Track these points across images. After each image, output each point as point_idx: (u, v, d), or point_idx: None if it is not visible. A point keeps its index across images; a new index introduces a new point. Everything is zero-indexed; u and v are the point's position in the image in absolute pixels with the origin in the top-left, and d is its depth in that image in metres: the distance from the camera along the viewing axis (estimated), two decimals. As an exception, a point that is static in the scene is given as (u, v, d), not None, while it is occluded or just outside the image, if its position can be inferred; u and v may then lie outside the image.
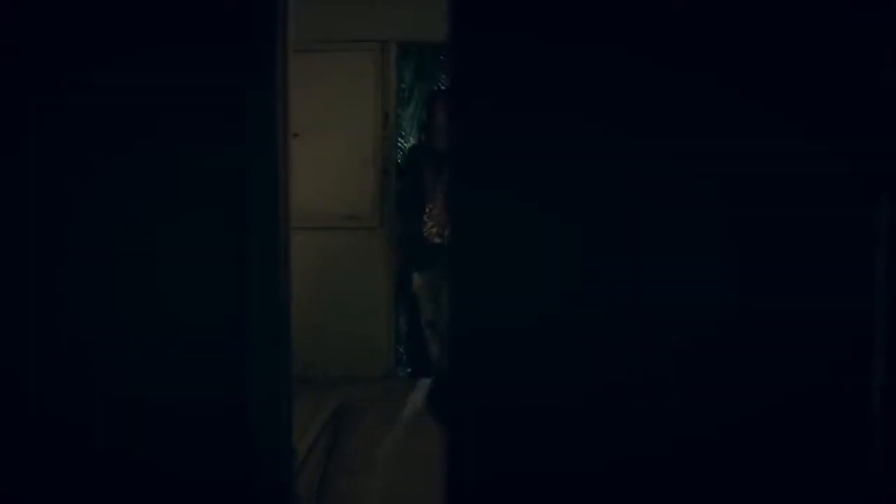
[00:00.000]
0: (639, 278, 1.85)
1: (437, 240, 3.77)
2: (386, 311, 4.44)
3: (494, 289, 1.87)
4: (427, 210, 3.80)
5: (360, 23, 4.34)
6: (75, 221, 1.94)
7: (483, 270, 1.88)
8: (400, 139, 5.80)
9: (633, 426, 1.87)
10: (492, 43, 1.84)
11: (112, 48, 1.93)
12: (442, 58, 6.78)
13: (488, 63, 1.85)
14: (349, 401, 3.85)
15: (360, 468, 3.19)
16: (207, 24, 1.93)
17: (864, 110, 1.83)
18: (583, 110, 1.84)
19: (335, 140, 4.28)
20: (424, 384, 3.96)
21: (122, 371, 1.95)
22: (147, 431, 1.96)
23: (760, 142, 1.84)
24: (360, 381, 4.04)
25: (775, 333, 1.86)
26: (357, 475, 3.14)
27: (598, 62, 1.83)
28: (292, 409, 2.12)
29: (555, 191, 1.85)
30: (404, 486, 3.06)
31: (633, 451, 1.88)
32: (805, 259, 1.86)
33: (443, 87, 6.24)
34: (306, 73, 3.21)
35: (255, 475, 1.99)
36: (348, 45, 4.35)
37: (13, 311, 1.96)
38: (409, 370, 4.81)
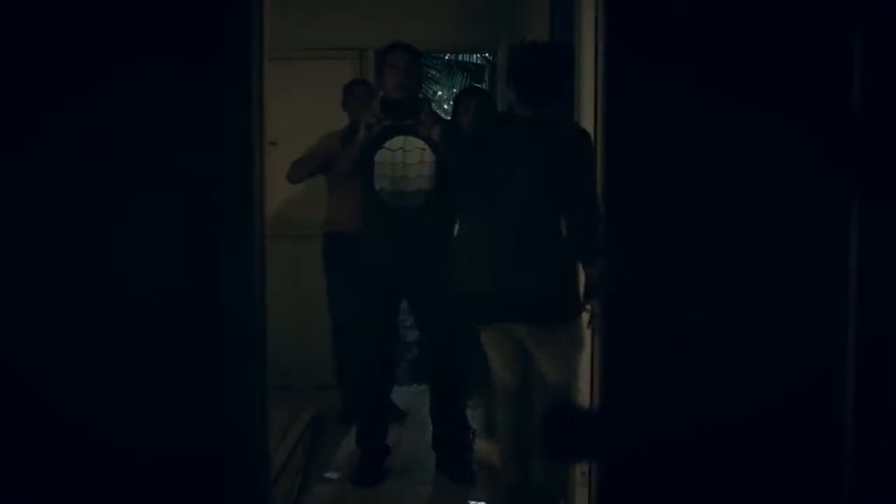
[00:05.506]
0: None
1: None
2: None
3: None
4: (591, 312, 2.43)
5: (338, 31, 4.36)
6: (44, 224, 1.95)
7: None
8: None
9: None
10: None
11: (88, 61, 1.93)
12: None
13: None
14: (328, 409, 3.85)
15: (339, 476, 3.20)
16: (181, 35, 1.93)
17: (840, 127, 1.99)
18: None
19: (314, 148, 4.27)
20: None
21: (98, 370, 1.96)
22: (119, 440, 1.96)
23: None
24: (338, 389, 4.02)
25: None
26: (335, 483, 3.15)
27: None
28: (268, 417, 2.12)
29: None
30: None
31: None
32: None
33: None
34: (285, 82, 3.21)
35: (230, 483, 1.99)
36: (327, 53, 4.36)
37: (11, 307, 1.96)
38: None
